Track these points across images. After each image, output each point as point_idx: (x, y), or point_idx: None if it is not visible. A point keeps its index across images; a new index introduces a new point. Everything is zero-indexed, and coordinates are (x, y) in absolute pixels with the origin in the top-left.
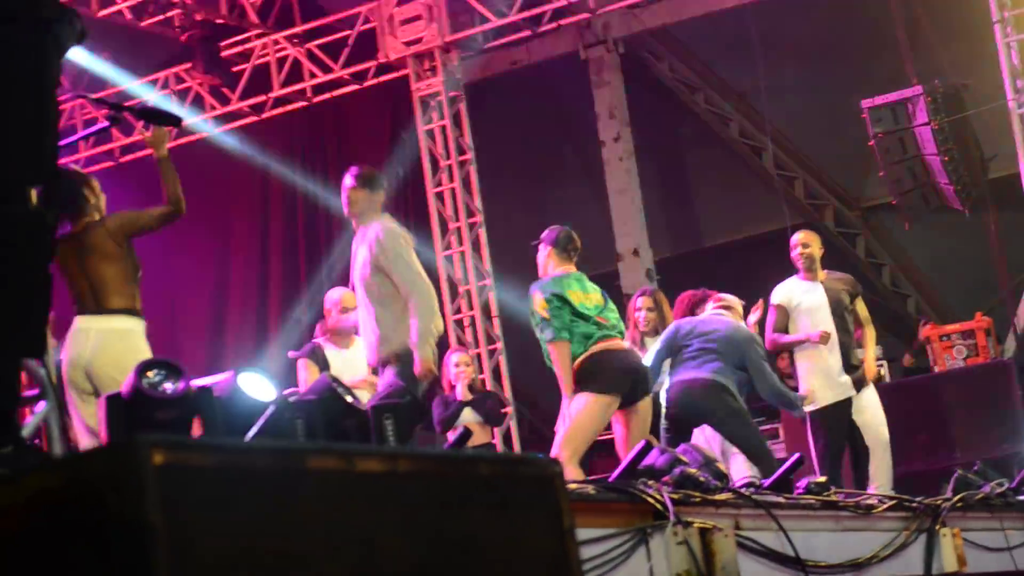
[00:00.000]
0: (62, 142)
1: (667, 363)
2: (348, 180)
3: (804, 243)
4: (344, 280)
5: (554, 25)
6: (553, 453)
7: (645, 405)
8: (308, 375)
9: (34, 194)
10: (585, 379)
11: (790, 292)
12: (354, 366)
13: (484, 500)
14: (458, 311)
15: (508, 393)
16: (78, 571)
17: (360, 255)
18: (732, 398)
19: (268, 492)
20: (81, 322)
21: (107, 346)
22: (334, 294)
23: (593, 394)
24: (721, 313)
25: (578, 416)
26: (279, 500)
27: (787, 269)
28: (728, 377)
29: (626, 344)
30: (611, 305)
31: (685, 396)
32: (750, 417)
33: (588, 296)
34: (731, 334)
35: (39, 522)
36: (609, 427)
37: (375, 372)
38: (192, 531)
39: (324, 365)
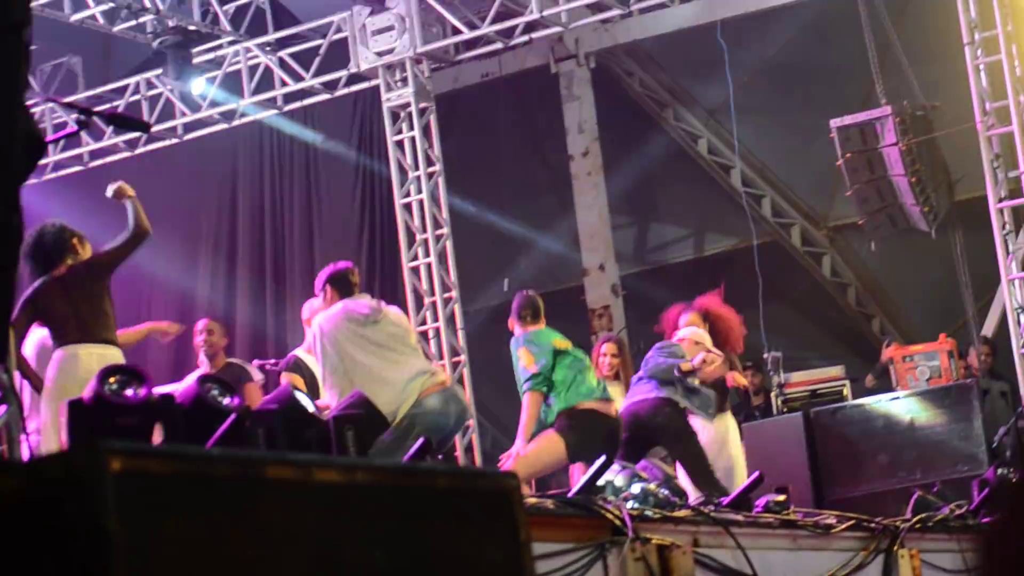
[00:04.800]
0: None
1: None
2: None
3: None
4: (306, 288)
5: (526, 39)
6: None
7: None
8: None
9: None
10: (565, 428)
11: None
12: None
13: (441, 513)
14: (423, 323)
15: (471, 406)
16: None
17: None
18: (682, 415)
19: (225, 500)
20: (80, 348)
21: None
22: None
23: (564, 443)
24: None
25: (540, 449)
26: (236, 509)
27: (753, 286)
28: (675, 393)
29: (613, 411)
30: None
31: (634, 418)
32: (698, 438)
33: (568, 343)
34: (656, 360)
35: None
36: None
37: None
38: (149, 538)
39: (307, 376)
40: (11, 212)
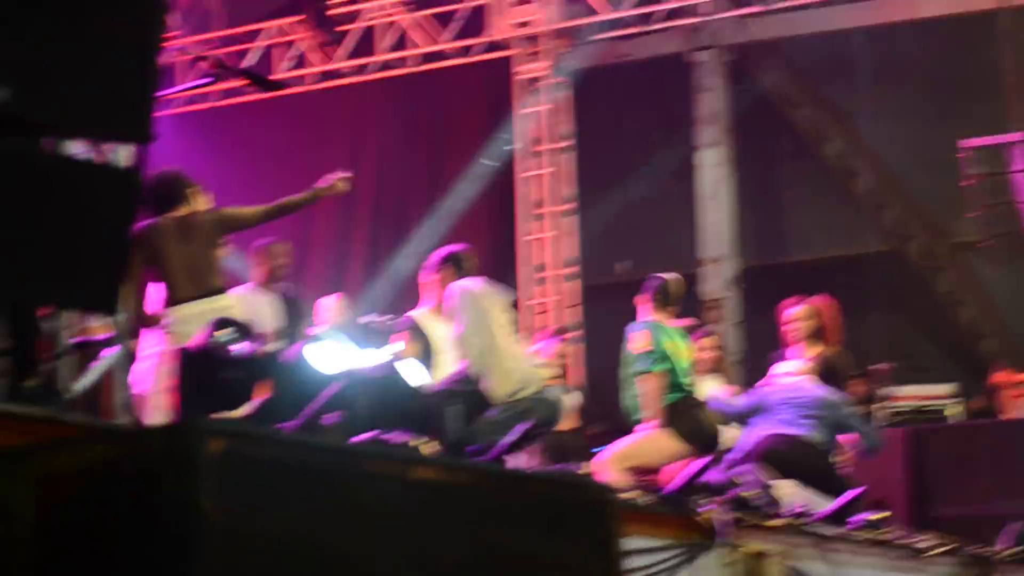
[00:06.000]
0: (165, 92)
1: None
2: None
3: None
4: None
5: (664, 24)
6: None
7: None
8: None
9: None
10: (670, 420)
11: None
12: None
13: (536, 520)
14: (535, 297)
15: (584, 379)
16: (126, 545)
17: None
18: (823, 460)
19: (322, 490)
20: (193, 308)
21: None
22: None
23: (672, 435)
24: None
25: (647, 441)
26: (333, 501)
27: (866, 294)
28: (824, 438)
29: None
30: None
31: (775, 448)
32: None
33: (680, 349)
34: (824, 397)
35: (93, 491)
36: None
37: None
38: (243, 521)
39: (422, 339)
40: (135, 170)
